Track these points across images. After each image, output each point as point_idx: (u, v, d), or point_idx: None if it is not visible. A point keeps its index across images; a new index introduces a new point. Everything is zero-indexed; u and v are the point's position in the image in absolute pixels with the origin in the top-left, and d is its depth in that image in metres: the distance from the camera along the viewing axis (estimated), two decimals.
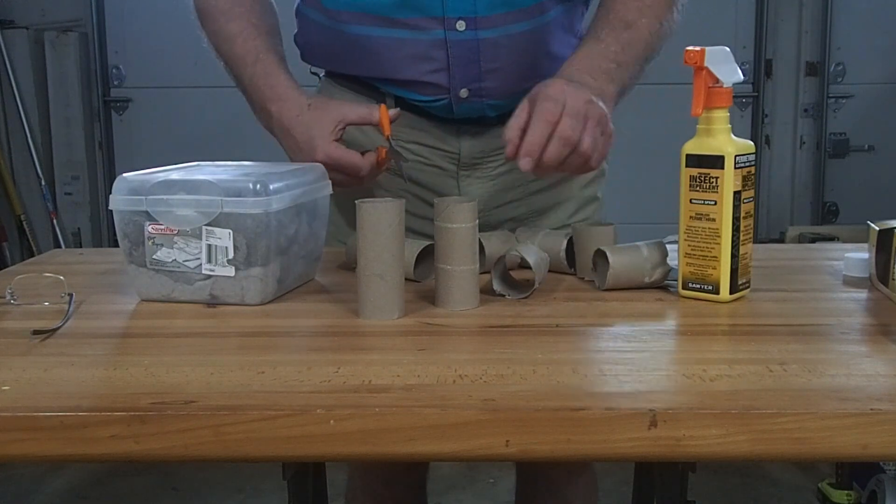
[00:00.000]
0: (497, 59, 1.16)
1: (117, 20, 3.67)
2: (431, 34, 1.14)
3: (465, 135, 1.23)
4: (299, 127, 1.11)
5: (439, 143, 1.23)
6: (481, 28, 1.14)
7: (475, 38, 1.14)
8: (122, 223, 0.94)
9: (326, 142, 1.09)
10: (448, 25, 1.13)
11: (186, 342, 0.82)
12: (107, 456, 0.64)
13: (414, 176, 1.21)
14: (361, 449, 0.63)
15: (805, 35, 3.70)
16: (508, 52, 1.17)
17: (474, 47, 1.15)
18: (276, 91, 1.13)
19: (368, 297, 0.87)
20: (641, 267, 0.97)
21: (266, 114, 1.15)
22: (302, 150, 1.11)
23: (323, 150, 1.09)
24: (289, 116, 1.11)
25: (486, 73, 1.16)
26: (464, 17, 1.13)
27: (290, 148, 1.14)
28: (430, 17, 1.13)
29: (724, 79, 0.91)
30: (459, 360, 0.74)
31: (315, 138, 1.10)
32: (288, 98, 1.12)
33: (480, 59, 1.16)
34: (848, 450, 0.63)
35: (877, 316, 0.88)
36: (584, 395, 0.66)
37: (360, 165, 1.11)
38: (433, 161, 1.24)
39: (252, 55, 1.15)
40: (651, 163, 3.43)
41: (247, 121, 1.23)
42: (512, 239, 1.10)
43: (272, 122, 1.14)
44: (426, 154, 1.24)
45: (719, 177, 0.90)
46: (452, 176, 1.25)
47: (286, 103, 1.12)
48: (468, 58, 1.15)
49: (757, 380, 0.68)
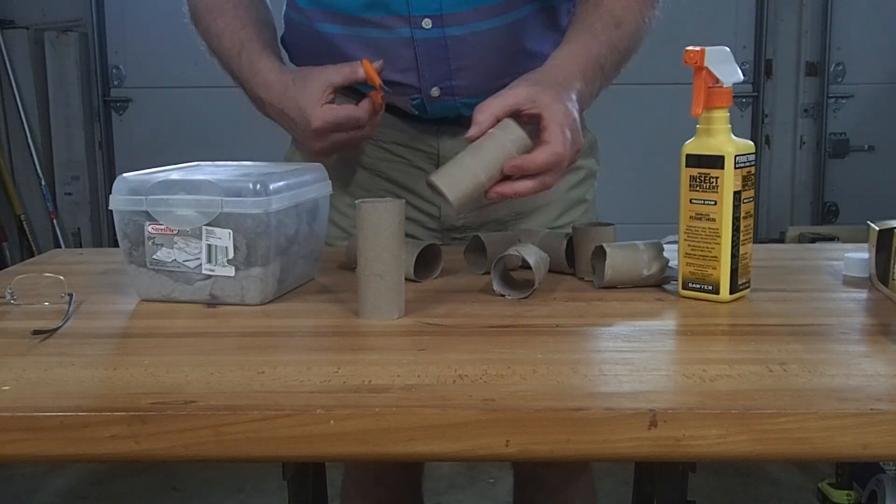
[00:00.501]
0: (466, 56, 1.15)
1: (117, 20, 3.67)
2: (398, 33, 1.14)
3: (444, 135, 1.23)
4: (289, 103, 1.11)
5: (418, 143, 1.23)
6: (448, 25, 1.13)
7: (442, 36, 1.14)
8: (122, 223, 0.94)
9: (318, 108, 1.09)
10: (414, 24, 1.13)
11: (186, 342, 0.82)
12: (107, 456, 0.64)
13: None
14: (361, 449, 0.63)
15: (805, 35, 3.70)
16: (478, 50, 1.16)
17: (442, 45, 1.14)
18: (260, 77, 1.13)
19: (368, 297, 0.87)
20: (638, 259, 0.97)
21: (259, 101, 1.15)
22: (297, 124, 1.11)
23: (317, 117, 1.08)
24: (278, 97, 1.12)
25: (456, 70, 1.16)
26: (429, 15, 1.13)
27: (287, 127, 1.14)
28: (396, 15, 1.13)
29: (724, 79, 0.91)
30: (459, 360, 0.74)
31: (306, 108, 1.09)
32: (272, 81, 1.12)
33: (449, 56, 1.15)
34: (848, 450, 0.63)
35: (877, 316, 0.88)
36: (584, 395, 0.66)
37: (359, 116, 1.10)
38: (413, 161, 1.24)
39: (237, 47, 1.15)
40: (651, 163, 3.43)
41: (247, 121, 1.24)
42: (512, 239, 1.10)
43: (265, 106, 1.14)
44: (405, 154, 1.24)
45: (719, 177, 0.90)
46: None
47: (272, 86, 1.12)
48: (436, 56, 1.15)
49: (757, 380, 0.68)
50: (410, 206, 1.25)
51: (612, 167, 1.34)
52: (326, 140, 1.11)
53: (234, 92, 1.22)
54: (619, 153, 1.22)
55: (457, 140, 1.22)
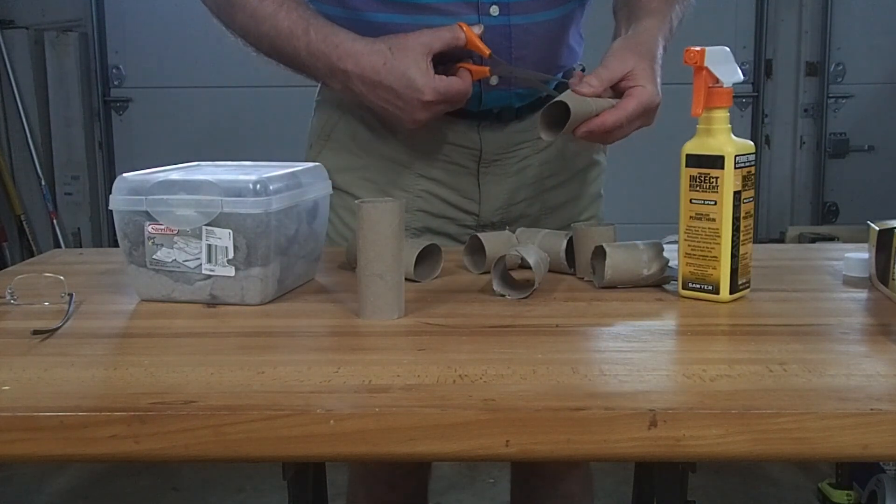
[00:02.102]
0: (526, 45, 1.15)
1: (117, 20, 3.67)
2: (464, 20, 1.10)
3: (486, 130, 1.22)
4: (392, 75, 1.05)
5: (461, 139, 1.22)
6: (514, 14, 1.13)
7: (507, 24, 1.13)
8: (122, 223, 0.94)
9: (429, 79, 1.05)
10: (482, 10, 1.12)
11: (186, 342, 0.82)
12: (107, 456, 0.64)
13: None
14: (361, 449, 0.63)
15: (805, 35, 3.70)
16: (536, 40, 1.16)
17: (506, 33, 1.14)
18: (343, 48, 1.07)
19: (368, 297, 0.87)
20: (638, 259, 0.97)
21: (341, 74, 1.08)
22: (403, 95, 1.06)
23: (431, 88, 1.04)
24: (373, 68, 1.06)
25: (516, 59, 1.15)
26: (497, 3, 1.12)
27: (384, 99, 1.07)
28: (464, 2, 1.11)
29: (724, 79, 0.91)
30: (459, 360, 0.74)
31: (416, 80, 1.04)
32: (361, 52, 1.07)
33: (512, 45, 1.14)
34: (848, 450, 0.63)
35: (877, 316, 0.88)
36: (584, 395, 0.66)
37: (467, 90, 1.08)
38: (454, 159, 1.23)
39: (301, 25, 1.09)
40: (651, 163, 3.42)
41: (247, 121, 1.24)
42: (512, 239, 1.10)
43: (350, 80, 1.08)
44: (447, 152, 1.23)
45: (719, 177, 0.90)
46: (472, 173, 1.24)
47: (363, 57, 1.06)
48: (500, 44, 1.13)
49: (757, 380, 0.68)
50: (449, 204, 1.24)
51: (613, 167, 1.35)
52: (432, 111, 1.08)
53: (234, 92, 1.22)
54: (619, 153, 1.22)
55: (498, 135, 1.22)
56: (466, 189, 1.24)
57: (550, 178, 1.26)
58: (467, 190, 1.24)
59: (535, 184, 1.26)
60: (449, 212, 1.25)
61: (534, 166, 1.25)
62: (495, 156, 1.23)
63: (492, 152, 1.23)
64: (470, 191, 1.24)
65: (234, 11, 1.14)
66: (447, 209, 1.24)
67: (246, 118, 3.49)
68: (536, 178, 1.25)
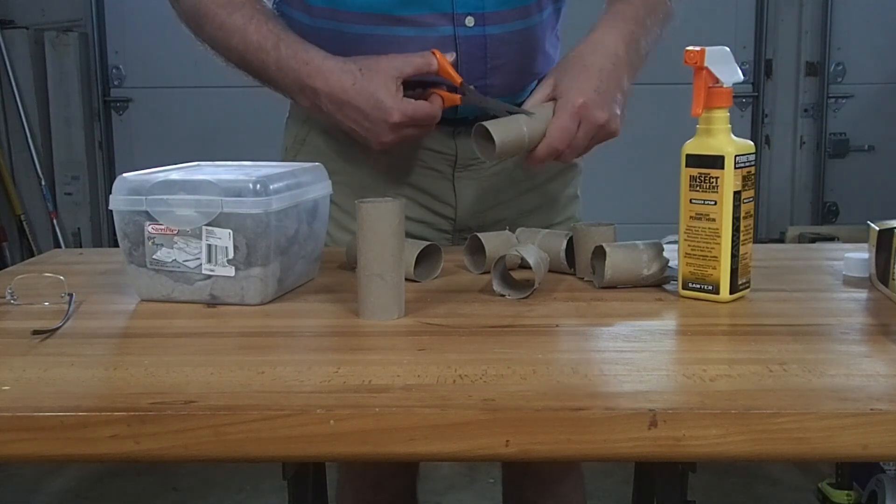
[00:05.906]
0: (502, 55, 1.16)
1: (117, 20, 3.67)
2: (440, 31, 1.12)
3: (461, 136, 1.22)
4: (360, 95, 1.05)
5: (436, 144, 1.23)
6: (489, 24, 1.14)
7: (483, 35, 1.14)
8: (122, 223, 0.94)
9: (397, 101, 1.05)
10: (458, 21, 1.13)
11: (186, 342, 0.82)
12: (107, 456, 0.64)
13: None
14: (361, 449, 0.63)
15: (805, 35, 3.70)
16: (511, 49, 1.17)
17: (482, 43, 1.14)
18: (313, 65, 1.07)
19: (368, 297, 0.87)
20: (638, 259, 0.97)
21: (309, 91, 1.08)
22: (370, 116, 1.06)
23: (398, 111, 1.05)
24: (342, 88, 1.06)
25: (492, 69, 1.16)
26: (472, 13, 1.13)
27: (352, 119, 1.07)
28: (439, 13, 1.12)
29: (724, 79, 0.91)
30: (459, 360, 0.74)
31: (384, 101, 1.04)
32: (330, 70, 1.07)
33: (487, 55, 1.15)
34: (848, 450, 0.63)
35: (877, 316, 0.88)
36: (584, 395, 0.66)
37: (435, 114, 1.08)
38: (430, 164, 1.24)
39: (271, 39, 1.09)
40: (651, 163, 3.43)
41: (247, 121, 1.23)
42: (512, 239, 1.10)
43: (319, 98, 1.08)
44: (422, 157, 1.24)
45: (719, 177, 0.90)
46: (448, 178, 1.24)
47: (332, 75, 1.06)
48: (476, 54, 1.14)
49: (757, 380, 0.68)
50: (425, 208, 1.25)
51: (613, 167, 1.35)
52: (399, 134, 1.08)
53: (233, 92, 1.22)
54: (619, 153, 1.22)
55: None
56: (442, 194, 1.24)
57: (525, 181, 1.26)
58: (443, 195, 1.24)
59: (511, 188, 1.26)
60: (426, 216, 1.25)
61: (508, 170, 1.25)
62: (470, 161, 1.23)
63: (467, 157, 1.23)
64: (446, 195, 1.24)
65: (202, 22, 1.13)
66: (424, 214, 1.25)
67: (246, 118, 3.48)
68: (511, 182, 1.26)
